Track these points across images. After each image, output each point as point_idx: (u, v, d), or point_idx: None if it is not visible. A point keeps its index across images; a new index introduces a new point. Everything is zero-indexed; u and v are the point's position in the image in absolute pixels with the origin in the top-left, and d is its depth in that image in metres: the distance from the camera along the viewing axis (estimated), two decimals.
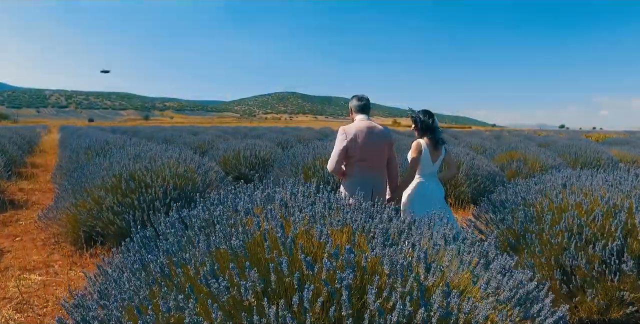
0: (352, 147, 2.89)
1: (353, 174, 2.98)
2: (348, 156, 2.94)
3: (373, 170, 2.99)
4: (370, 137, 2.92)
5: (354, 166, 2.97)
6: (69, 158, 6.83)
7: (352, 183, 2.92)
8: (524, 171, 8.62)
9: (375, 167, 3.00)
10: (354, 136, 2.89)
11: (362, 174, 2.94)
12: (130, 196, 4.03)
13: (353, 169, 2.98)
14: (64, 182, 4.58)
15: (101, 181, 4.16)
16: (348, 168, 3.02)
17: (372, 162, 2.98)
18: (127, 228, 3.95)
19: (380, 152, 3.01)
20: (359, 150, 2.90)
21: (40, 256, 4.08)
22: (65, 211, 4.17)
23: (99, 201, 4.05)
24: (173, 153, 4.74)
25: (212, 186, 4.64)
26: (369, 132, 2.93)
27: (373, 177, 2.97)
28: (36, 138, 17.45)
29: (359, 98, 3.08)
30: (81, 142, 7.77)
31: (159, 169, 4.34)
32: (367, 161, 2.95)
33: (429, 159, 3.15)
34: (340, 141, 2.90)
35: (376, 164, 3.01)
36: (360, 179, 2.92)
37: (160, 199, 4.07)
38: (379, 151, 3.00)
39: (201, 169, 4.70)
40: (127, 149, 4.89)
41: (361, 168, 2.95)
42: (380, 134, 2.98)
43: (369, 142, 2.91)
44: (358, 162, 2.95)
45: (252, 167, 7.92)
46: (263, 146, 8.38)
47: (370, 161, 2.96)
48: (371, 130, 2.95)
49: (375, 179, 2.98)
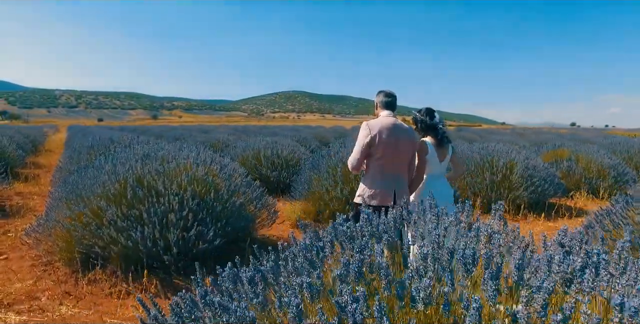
0: (375, 143, 2.76)
1: (374, 173, 2.82)
2: (370, 153, 2.80)
3: (396, 169, 2.84)
4: (394, 134, 2.78)
5: (375, 164, 2.81)
6: (69, 159, 6.02)
7: (373, 182, 2.80)
8: (576, 171, 7.66)
9: (398, 167, 2.85)
10: (378, 132, 2.75)
11: (384, 174, 2.79)
12: (138, 207, 3.19)
13: (374, 168, 2.82)
14: (57, 188, 3.74)
15: (102, 188, 3.33)
16: (369, 166, 2.86)
17: (395, 160, 2.82)
18: (133, 249, 3.10)
19: (404, 151, 2.86)
20: (382, 147, 2.76)
21: (25, 282, 3.25)
22: (57, 225, 3.34)
23: (98, 213, 3.22)
24: (190, 152, 3.88)
25: (238, 192, 3.78)
26: (394, 129, 2.79)
27: (396, 176, 2.83)
28: (42, 137, 16.79)
29: (386, 94, 2.95)
30: (84, 141, 6.96)
31: (173, 173, 3.49)
32: (390, 159, 2.80)
33: (435, 158, 3.02)
34: (364, 136, 2.76)
35: (399, 163, 2.86)
36: (382, 178, 2.78)
37: (176, 211, 3.22)
38: (404, 150, 2.85)
39: (224, 172, 3.84)
40: (134, 148, 4.04)
41: (384, 167, 2.80)
42: (405, 132, 2.85)
43: (393, 140, 2.77)
44: (381, 160, 2.79)
45: (273, 168, 7.05)
46: (285, 145, 7.51)
47: (393, 159, 2.81)
48: (396, 127, 2.81)
49: (398, 179, 2.84)
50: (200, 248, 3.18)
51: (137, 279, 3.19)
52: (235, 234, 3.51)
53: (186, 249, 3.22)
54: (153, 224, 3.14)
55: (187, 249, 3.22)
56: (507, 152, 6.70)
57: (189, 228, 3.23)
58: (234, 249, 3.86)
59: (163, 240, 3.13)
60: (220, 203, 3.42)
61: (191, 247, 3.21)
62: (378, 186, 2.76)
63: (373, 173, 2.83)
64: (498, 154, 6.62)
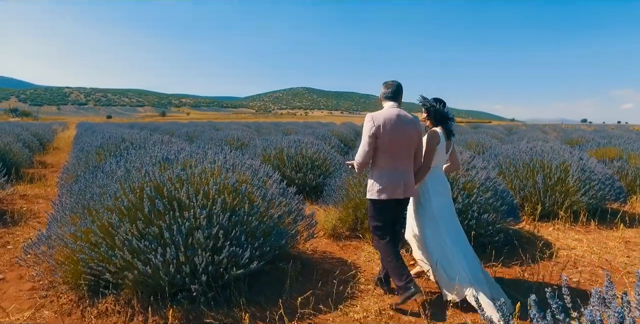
0: (380, 135, 2.71)
1: (381, 166, 2.78)
2: (376, 146, 2.75)
3: (402, 160, 2.79)
4: (400, 125, 2.74)
5: (382, 156, 2.76)
6: (76, 159, 5.45)
7: (381, 176, 2.76)
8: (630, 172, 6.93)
9: (404, 157, 2.80)
10: (383, 123, 2.71)
11: (390, 166, 2.76)
12: (157, 223, 2.59)
13: (380, 160, 2.78)
14: (60, 198, 3.16)
15: (113, 199, 2.73)
16: (376, 159, 2.80)
17: (401, 151, 2.78)
18: (153, 275, 2.51)
19: (410, 142, 2.81)
20: (388, 139, 2.72)
21: (22, 313, 2.67)
22: (59, 244, 2.76)
23: (109, 230, 2.63)
24: (217, 155, 3.28)
25: (274, 201, 3.17)
26: (399, 120, 2.75)
27: (402, 168, 2.79)
28: (50, 135, 16.35)
29: (389, 85, 2.90)
30: (93, 139, 6.40)
31: (198, 180, 2.89)
32: (396, 151, 2.76)
33: (443, 149, 3.00)
34: (368, 129, 2.72)
35: (405, 154, 2.81)
36: (389, 171, 2.75)
37: (203, 227, 2.62)
38: (409, 141, 2.80)
39: (257, 178, 3.23)
40: (150, 150, 3.44)
41: (390, 159, 2.76)
42: (410, 122, 2.80)
43: (398, 131, 2.73)
44: (387, 152, 2.75)
45: (298, 169, 6.44)
46: (310, 144, 6.88)
47: (400, 150, 2.77)
48: (401, 118, 2.76)
49: (404, 170, 2.80)
50: (234, 273, 2.57)
51: (158, 311, 2.60)
52: (273, 253, 2.90)
53: (217, 274, 2.62)
54: (176, 244, 2.54)
55: (218, 274, 2.62)
56: (559, 152, 6.01)
57: (220, 249, 2.63)
58: (268, 269, 3.27)
59: (189, 264, 2.53)
60: (256, 217, 2.81)
61: (223, 272, 2.62)
62: (386, 179, 2.73)
63: (379, 166, 2.78)
64: (549, 154, 5.95)
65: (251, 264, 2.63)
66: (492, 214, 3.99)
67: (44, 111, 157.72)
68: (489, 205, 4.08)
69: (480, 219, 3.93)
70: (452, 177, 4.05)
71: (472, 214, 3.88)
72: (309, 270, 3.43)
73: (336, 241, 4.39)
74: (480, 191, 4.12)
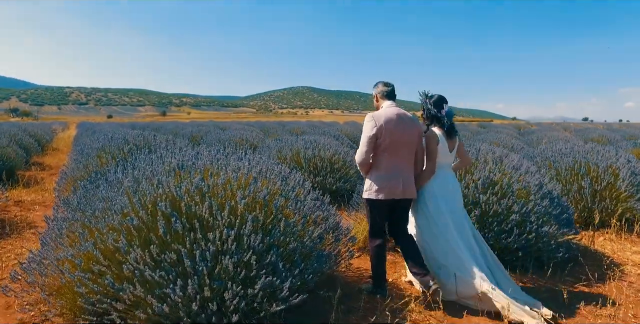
0: (381, 134, 2.68)
1: (381, 166, 2.74)
2: (376, 145, 2.72)
3: (402, 159, 2.76)
4: (400, 124, 2.72)
5: (381, 156, 2.73)
6: (75, 163, 4.94)
7: (380, 176, 2.73)
8: None
9: (404, 157, 2.77)
10: (384, 122, 2.68)
11: (390, 166, 2.73)
12: (175, 248, 2.08)
13: (379, 160, 2.74)
14: (55, 214, 2.64)
15: (120, 217, 2.22)
16: (375, 159, 2.76)
17: (401, 150, 2.75)
18: (170, 315, 1.99)
19: (410, 141, 2.78)
20: (389, 138, 2.68)
21: None
22: (54, 271, 2.25)
23: (115, 256, 2.11)
24: (241, 162, 2.75)
25: (310, 216, 2.65)
26: (400, 119, 2.73)
27: (402, 167, 2.76)
28: (49, 135, 15.84)
29: (386, 83, 2.90)
30: (93, 141, 5.89)
31: (222, 193, 2.37)
32: (397, 149, 2.73)
33: (446, 148, 2.91)
34: (370, 128, 2.70)
35: (406, 154, 2.78)
36: (389, 170, 2.72)
37: (232, 251, 2.10)
38: (410, 140, 2.77)
39: (288, 188, 2.71)
40: (161, 155, 2.91)
41: (390, 158, 2.73)
42: (410, 121, 2.79)
43: (399, 130, 2.71)
44: (386, 151, 2.72)
45: (317, 173, 5.92)
46: (327, 145, 6.35)
47: (400, 150, 2.74)
48: (401, 117, 2.75)
49: (404, 170, 2.77)
50: (272, 310, 2.06)
51: None
52: (314, 281, 2.39)
53: (250, 311, 2.11)
54: (199, 274, 2.03)
55: (252, 311, 2.10)
56: (603, 153, 5.49)
57: (253, 278, 2.11)
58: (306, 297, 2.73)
59: (215, 300, 2.01)
60: (294, 237, 2.29)
61: (257, 308, 2.10)
62: (384, 179, 2.70)
63: (378, 166, 2.75)
64: (592, 155, 5.43)
65: (291, 297, 2.12)
66: (554, 226, 3.47)
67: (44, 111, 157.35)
68: (548, 214, 3.56)
69: (540, 232, 3.41)
70: (496, 180, 3.55)
71: (531, 226, 3.36)
72: (350, 295, 2.91)
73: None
74: (537, 198, 3.60)
